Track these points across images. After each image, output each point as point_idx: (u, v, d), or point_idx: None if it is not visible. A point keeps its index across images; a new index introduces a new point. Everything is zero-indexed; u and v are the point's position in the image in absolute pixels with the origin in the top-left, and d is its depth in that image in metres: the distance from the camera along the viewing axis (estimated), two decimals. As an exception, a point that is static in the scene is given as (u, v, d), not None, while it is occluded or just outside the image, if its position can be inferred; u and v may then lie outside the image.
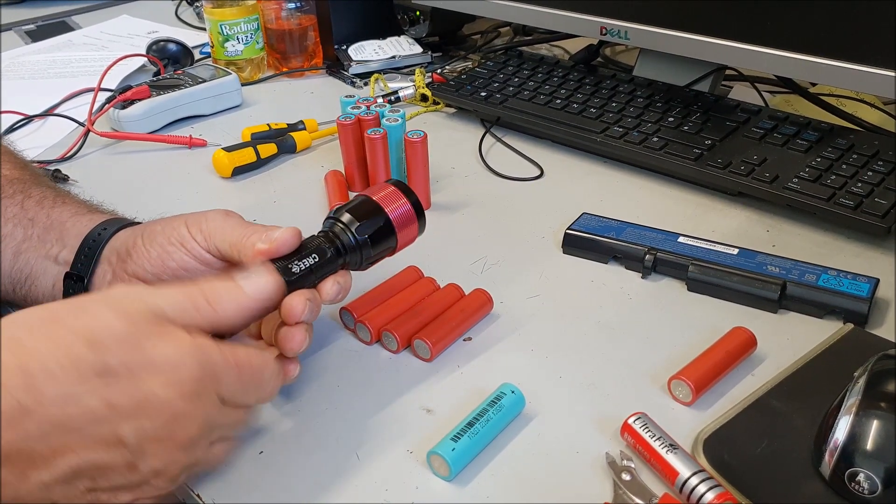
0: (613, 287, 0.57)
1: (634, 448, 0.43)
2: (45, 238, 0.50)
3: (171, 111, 0.86)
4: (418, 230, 0.49)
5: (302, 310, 0.42)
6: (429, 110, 0.88)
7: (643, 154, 0.70)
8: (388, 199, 0.48)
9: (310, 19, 1.00)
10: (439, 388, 0.49)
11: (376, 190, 0.48)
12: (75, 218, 0.51)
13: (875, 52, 0.62)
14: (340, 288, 0.46)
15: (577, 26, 0.83)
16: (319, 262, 0.45)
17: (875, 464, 0.38)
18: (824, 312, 0.52)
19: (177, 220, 0.47)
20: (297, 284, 0.43)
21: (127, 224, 0.50)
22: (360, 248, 0.46)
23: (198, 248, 0.46)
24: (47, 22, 1.30)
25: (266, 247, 0.43)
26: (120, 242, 0.48)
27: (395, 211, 0.48)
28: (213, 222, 0.46)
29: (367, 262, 0.48)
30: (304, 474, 0.43)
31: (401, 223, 0.48)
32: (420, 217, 0.49)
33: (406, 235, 0.48)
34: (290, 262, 0.44)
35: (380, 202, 0.47)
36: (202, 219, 0.47)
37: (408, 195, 0.48)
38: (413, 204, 0.48)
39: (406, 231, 0.48)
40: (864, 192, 0.60)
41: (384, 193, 0.48)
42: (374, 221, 0.47)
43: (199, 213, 0.48)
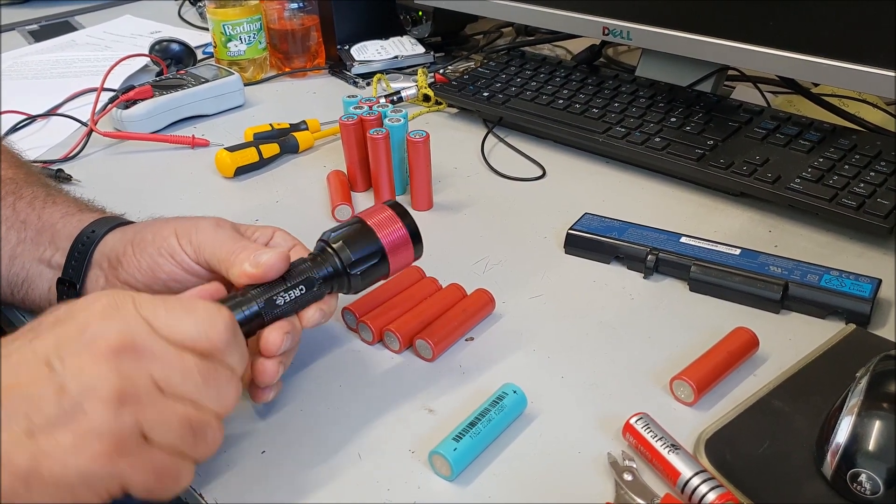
0: (615, 287, 0.57)
1: (636, 448, 0.43)
2: (38, 241, 0.50)
3: (173, 111, 0.86)
4: (414, 256, 0.48)
5: (279, 345, 0.42)
6: (431, 110, 0.88)
7: (645, 154, 0.70)
8: (383, 224, 0.46)
9: (312, 19, 1.00)
10: (441, 387, 0.49)
11: (372, 213, 0.47)
12: (66, 219, 0.51)
13: (877, 52, 0.62)
14: (323, 314, 0.45)
15: (579, 26, 0.83)
16: (305, 293, 0.44)
17: (877, 464, 0.38)
18: (826, 313, 0.52)
19: (166, 228, 0.47)
20: (279, 315, 0.43)
21: (117, 224, 0.50)
22: (350, 277, 0.45)
23: (187, 261, 0.46)
24: (50, 22, 1.30)
25: (253, 271, 0.43)
26: (110, 248, 0.48)
27: (390, 237, 0.46)
28: (202, 234, 0.46)
29: (358, 289, 0.47)
30: (305, 474, 0.43)
31: (395, 251, 0.46)
32: (416, 243, 0.47)
33: (400, 262, 0.47)
34: (275, 293, 0.43)
35: (374, 228, 0.46)
36: (192, 229, 0.46)
37: (404, 220, 0.47)
38: (409, 230, 0.47)
39: (400, 258, 0.47)
40: (867, 192, 0.60)
41: (379, 218, 0.46)
42: (366, 250, 0.45)
43: (189, 220, 0.47)
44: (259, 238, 0.49)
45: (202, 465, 0.43)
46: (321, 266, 0.45)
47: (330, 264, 0.45)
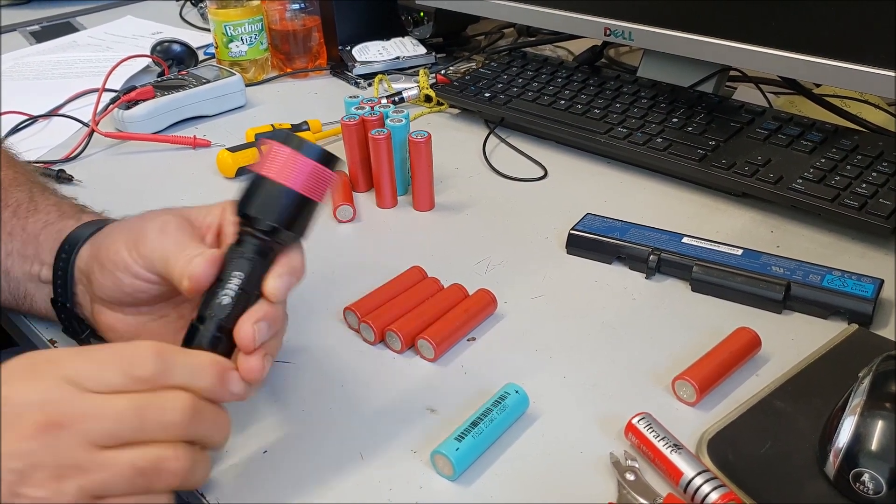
0: (617, 287, 0.57)
1: (638, 448, 0.43)
2: (25, 253, 0.49)
3: (175, 112, 0.86)
4: (331, 175, 0.42)
5: (252, 336, 0.39)
6: (433, 111, 0.88)
7: (647, 155, 0.70)
8: (282, 167, 0.40)
9: (314, 20, 1.00)
10: (443, 387, 0.49)
11: (267, 158, 0.41)
12: (47, 230, 0.49)
13: (879, 52, 0.62)
14: (285, 279, 0.41)
15: (581, 27, 0.83)
16: (246, 277, 0.40)
17: (880, 464, 0.38)
18: (829, 313, 0.52)
19: (119, 240, 0.44)
20: (239, 309, 0.40)
21: (91, 234, 0.48)
22: (278, 233, 0.41)
23: (143, 273, 0.43)
24: (52, 23, 1.30)
25: (188, 285, 0.40)
26: (84, 264, 0.47)
27: (297, 178, 0.40)
28: (148, 244, 0.43)
29: (301, 231, 0.42)
30: (307, 474, 0.43)
31: (309, 186, 0.41)
32: (326, 163, 0.41)
33: (320, 189, 0.41)
34: (216, 296, 0.40)
35: (276, 178, 0.40)
36: (140, 239, 0.43)
37: (301, 149, 0.41)
38: (312, 156, 0.41)
39: (319, 186, 0.41)
40: (869, 192, 0.60)
41: (276, 162, 0.41)
42: (281, 205, 0.40)
43: (138, 226, 0.44)
44: (211, 222, 0.45)
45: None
46: (247, 243, 0.41)
47: (254, 237, 0.41)
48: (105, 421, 0.34)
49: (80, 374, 0.35)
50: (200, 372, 0.38)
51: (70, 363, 0.36)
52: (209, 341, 0.40)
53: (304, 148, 0.41)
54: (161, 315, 0.47)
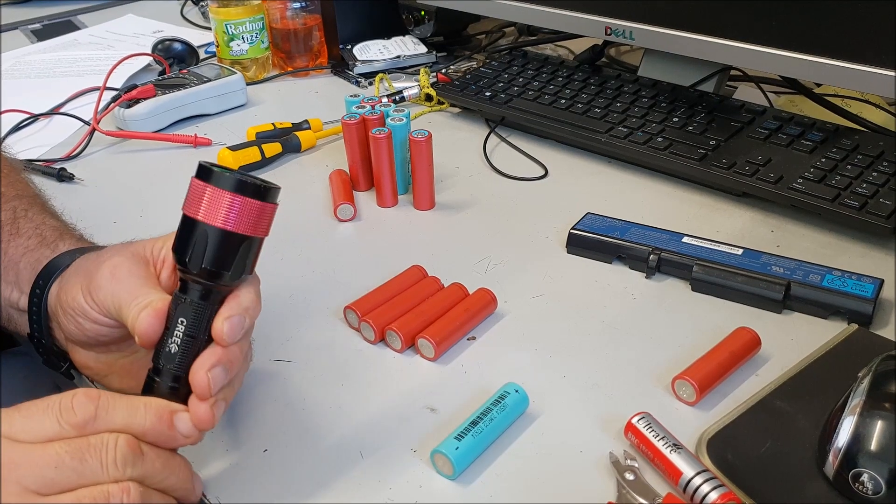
0: (617, 287, 0.57)
1: (638, 448, 0.43)
2: (7, 278, 0.48)
3: (176, 110, 0.86)
4: (265, 207, 0.38)
5: (206, 384, 0.38)
6: (433, 110, 0.88)
7: (648, 154, 0.70)
8: (199, 202, 0.37)
9: (315, 19, 1.00)
10: (443, 387, 0.49)
11: (192, 198, 0.38)
12: (26, 257, 0.48)
13: (880, 52, 0.62)
14: (238, 318, 0.39)
15: (581, 26, 0.83)
16: (192, 323, 0.38)
17: (879, 464, 0.38)
18: (828, 313, 0.52)
19: (76, 285, 0.43)
20: (190, 356, 0.39)
21: (66, 265, 0.46)
22: (217, 276, 0.38)
23: (101, 318, 0.43)
24: (53, 21, 1.31)
25: (139, 341, 0.39)
26: (53, 302, 0.46)
27: (217, 211, 0.37)
28: (101, 291, 0.41)
29: (241, 269, 0.39)
30: (307, 473, 0.43)
31: (243, 223, 0.38)
32: (259, 196, 0.38)
33: (251, 219, 0.38)
34: (164, 345, 0.39)
35: (195, 215, 0.37)
36: (93, 285, 0.42)
37: (212, 178, 0.37)
38: (228, 187, 0.37)
39: (248, 217, 0.38)
40: (869, 192, 0.60)
41: (193, 199, 0.38)
42: (204, 243, 0.37)
43: (94, 267, 0.43)
44: (165, 255, 0.43)
45: (205, 464, 0.44)
46: (190, 289, 0.39)
47: (195, 282, 0.39)
48: (41, 468, 0.34)
49: (15, 427, 0.35)
50: (138, 414, 0.37)
51: (6, 418, 0.35)
52: (166, 392, 0.39)
53: (228, 183, 0.37)
54: (132, 352, 0.46)
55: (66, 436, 0.35)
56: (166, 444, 0.38)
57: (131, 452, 0.36)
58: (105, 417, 0.36)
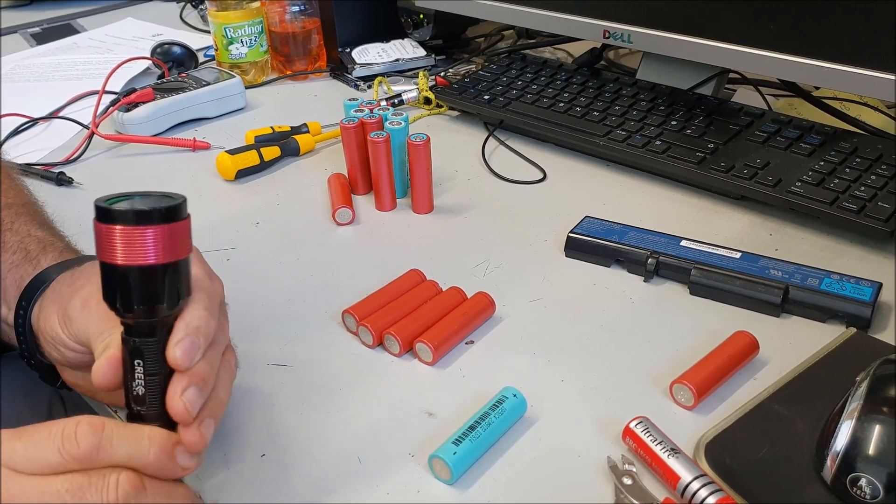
0: (616, 290, 0.57)
1: (636, 452, 0.43)
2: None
3: (175, 114, 0.86)
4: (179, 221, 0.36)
5: (184, 407, 0.36)
6: (432, 113, 0.88)
7: (646, 157, 0.70)
8: (102, 244, 0.36)
9: (314, 22, 1.00)
10: (441, 391, 0.49)
11: (98, 243, 0.36)
12: (12, 273, 0.48)
13: (878, 55, 0.62)
14: (190, 340, 0.37)
15: (580, 30, 0.83)
16: (148, 361, 0.37)
17: (877, 469, 0.38)
18: (827, 316, 0.52)
19: (53, 313, 0.43)
20: (159, 391, 0.37)
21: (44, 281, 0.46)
22: (151, 312, 0.37)
23: (77, 346, 0.42)
24: (52, 24, 1.31)
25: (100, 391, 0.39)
26: (36, 325, 0.45)
27: (120, 249, 0.35)
28: (74, 322, 0.41)
29: (175, 297, 0.37)
30: (305, 477, 0.43)
31: (156, 251, 0.35)
32: (164, 217, 0.36)
33: (173, 244, 0.36)
34: (131, 389, 0.38)
35: (105, 258, 0.36)
36: (67, 315, 0.42)
37: (122, 220, 0.35)
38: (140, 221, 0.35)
39: (169, 244, 0.36)
40: (868, 195, 0.60)
41: (98, 242, 0.36)
42: (123, 284, 0.36)
43: (67, 299, 0.42)
44: None
45: (202, 469, 0.43)
46: (132, 330, 0.37)
47: (136, 323, 0.37)
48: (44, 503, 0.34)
49: (17, 456, 0.34)
50: (142, 446, 0.36)
51: (7, 446, 0.35)
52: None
53: (129, 218, 0.35)
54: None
55: (68, 468, 0.34)
56: (169, 475, 0.37)
57: (133, 490, 0.35)
58: (108, 450, 0.35)
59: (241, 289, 0.60)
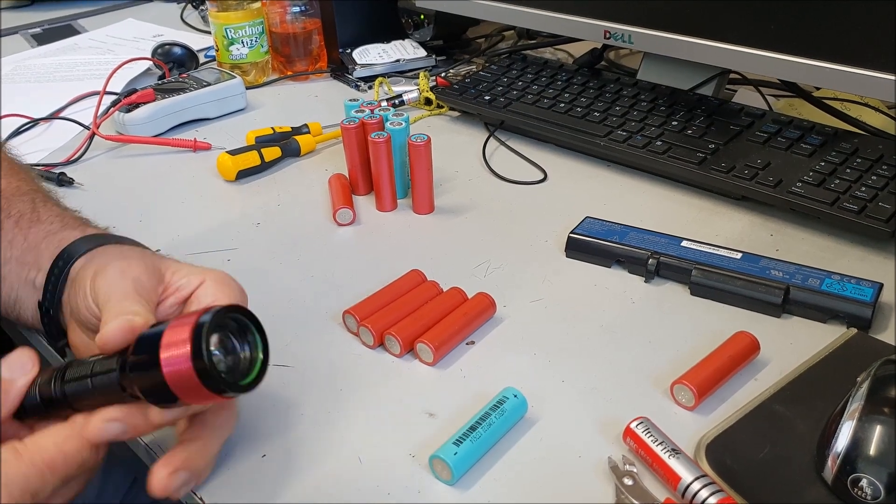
0: (616, 291, 0.57)
1: (637, 452, 0.43)
2: (24, 260, 0.49)
3: (175, 114, 0.86)
4: (211, 393, 0.36)
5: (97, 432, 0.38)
6: (433, 114, 0.88)
7: (647, 158, 0.70)
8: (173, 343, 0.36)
9: (314, 23, 1.00)
10: (442, 391, 0.49)
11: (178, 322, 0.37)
12: (48, 239, 0.49)
13: (879, 55, 0.62)
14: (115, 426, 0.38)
15: (580, 30, 0.83)
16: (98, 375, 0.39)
17: (878, 469, 0.38)
18: (828, 317, 0.52)
19: (91, 268, 0.44)
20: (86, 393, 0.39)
21: (91, 247, 0.48)
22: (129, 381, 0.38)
23: (91, 305, 0.43)
24: (53, 25, 1.31)
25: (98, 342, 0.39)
26: (74, 273, 0.46)
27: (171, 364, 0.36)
28: (103, 280, 0.42)
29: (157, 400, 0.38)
30: (306, 478, 0.43)
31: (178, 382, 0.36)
32: (206, 380, 0.36)
33: (192, 395, 0.37)
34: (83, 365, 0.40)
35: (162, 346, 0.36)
36: (101, 271, 0.43)
37: (194, 345, 0.35)
38: (196, 364, 0.35)
39: (189, 391, 0.36)
40: (869, 196, 0.60)
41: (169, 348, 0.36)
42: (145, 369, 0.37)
43: (111, 259, 0.44)
44: (182, 286, 0.44)
45: (203, 468, 0.43)
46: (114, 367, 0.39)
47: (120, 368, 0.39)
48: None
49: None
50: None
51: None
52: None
53: (215, 385, 0.36)
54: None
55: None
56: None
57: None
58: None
59: (241, 289, 0.60)
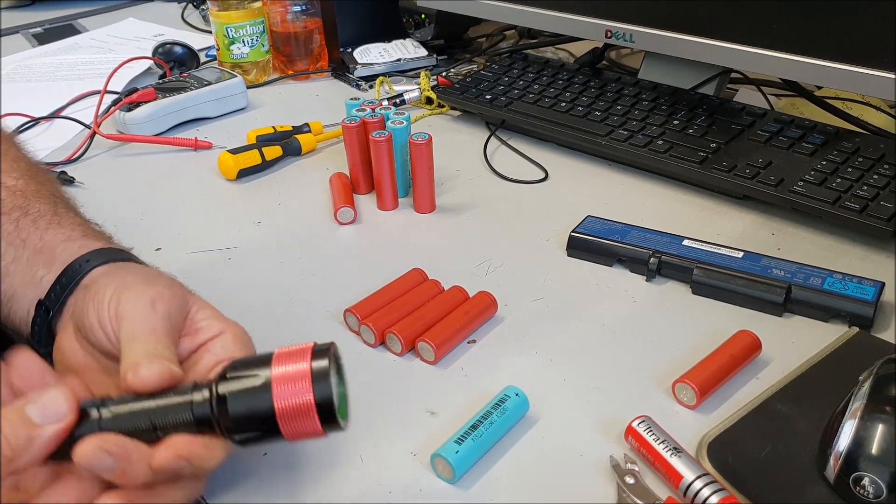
0: (618, 290, 0.57)
1: (638, 451, 0.43)
2: (34, 260, 0.47)
3: (176, 114, 0.86)
4: (322, 430, 0.36)
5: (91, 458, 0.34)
6: (434, 113, 0.88)
7: (648, 157, 0.70)
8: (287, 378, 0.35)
9: (315, 22, 1.00)
10: (443, 390, 0.49)
11: (287, 357, 0.36)
12: (67, 243, 0.47)
13: (880, 55, 0.62)
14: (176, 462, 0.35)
15: (582, 29, 0.83)
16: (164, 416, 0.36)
17: (880, 468, 0.38)
18: (829, 316, 0.52)
19: (114, 280, 0.42)
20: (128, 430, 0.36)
21: (113, 259, 0.46)
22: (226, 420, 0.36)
23: (106, 323, 0.41)
24: (54, 25, 1.31)
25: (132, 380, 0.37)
26: (90, 280, 0.44)
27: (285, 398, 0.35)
28: (130, 305, 0.40)
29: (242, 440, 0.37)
30: (307, 476, 0.43)
31: (290, 419, 0.35)
32: (325, 416, 0.35)
33: (298, 430, 0.36)
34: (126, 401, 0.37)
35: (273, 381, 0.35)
36: (126, 294, 0.41)
37: (316, 381, 0.35)
38: (318, 398, 0.35)
39: (297, 426, 0.36)
40: (870, 195, 0.60)
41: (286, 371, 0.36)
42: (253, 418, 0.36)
43: (139, 282, 0.42)
44: (203, 329, 0.42)
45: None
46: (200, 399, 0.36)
47: (207, 402, 0.36)
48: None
49: None
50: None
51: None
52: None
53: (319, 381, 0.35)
54: (105, 372, 0.43)
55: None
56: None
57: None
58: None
59: (242, 288, 0.60)
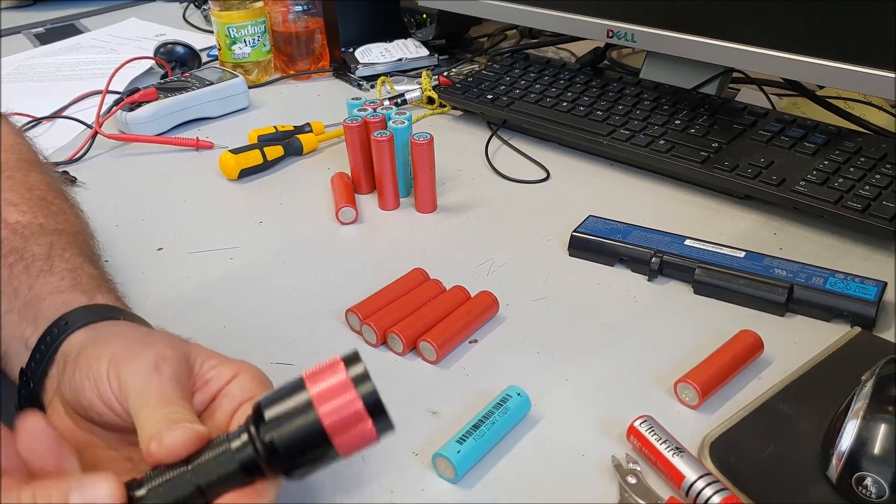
0: (619, 290, 0.57)
1: (640, 451, 0.43)
2: (24, 314, 0.45)
3: (178, 113, 0.87)
4: (376, 434, 0.34)
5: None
6: (435, 113, 0.88)
7: (650, 157, 0.70)
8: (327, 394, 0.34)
9: (317, 22, 1.00)
10: (445, 390, 0.49)
11: (318, 375, 0.35)
12: (52, 297, 0.44)
13: (882, 54, 0.62)
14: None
15: (583, 29, 0.83)
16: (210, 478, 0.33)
17: (883, 468, 0.38)
18: (831, 316, 0.52)
19: (107, 349, 0.39)
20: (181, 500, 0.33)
21: (92, 320, 0.43)
22: (275, 457, 0.33)
23: (109, 396, 0.38)
24: (56, 25, 1.31)
25: (156, 450, 0.34)
26: (68, 349, 0.41)
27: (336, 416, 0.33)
28: (133, 375, 0.37)
29: (300, 474, 0.35)
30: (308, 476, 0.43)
31: (342, 432, 0.33)
32: (376, 418, 0.33)
33: (352, 441, 0.33)
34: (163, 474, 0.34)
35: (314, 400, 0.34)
36: (125, 362, 0.38)
37: (359, 385, 0.34)
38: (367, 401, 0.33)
39: (350, 437, 0.33)
40: (872, 194, 0.60)
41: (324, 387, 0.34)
42: (303, 442, 0.33)
43: (135, 346, 0.39)
44: (212, 379, 0.39)
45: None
46: (243, 448, 0.34)
47: (251, 445, 0.34)
48: None
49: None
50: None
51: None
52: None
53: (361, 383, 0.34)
54: (109, 447, 0.40)
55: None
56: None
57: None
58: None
59: (244, 288, 0.60)
